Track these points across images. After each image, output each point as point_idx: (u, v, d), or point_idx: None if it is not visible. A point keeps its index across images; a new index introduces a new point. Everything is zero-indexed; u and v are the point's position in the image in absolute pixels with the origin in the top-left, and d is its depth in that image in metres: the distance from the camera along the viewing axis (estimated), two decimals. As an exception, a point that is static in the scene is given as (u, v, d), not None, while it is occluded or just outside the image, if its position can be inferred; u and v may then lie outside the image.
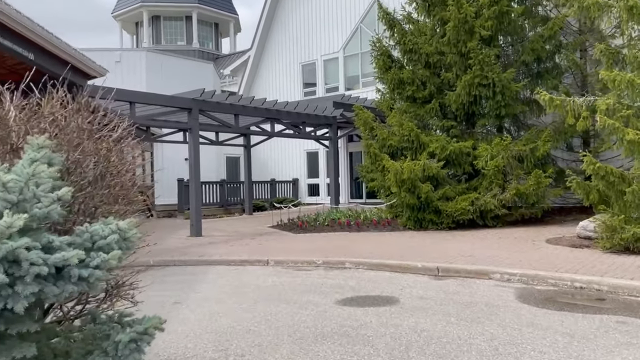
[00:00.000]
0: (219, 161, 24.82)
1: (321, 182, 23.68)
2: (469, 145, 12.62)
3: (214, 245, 11.08)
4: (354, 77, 22.24)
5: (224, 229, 13.90)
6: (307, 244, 10.78)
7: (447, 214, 12.03)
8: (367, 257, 8.93)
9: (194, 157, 12.32)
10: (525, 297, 6.32)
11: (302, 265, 8.90)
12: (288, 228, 13.16)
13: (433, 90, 13.40)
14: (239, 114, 13.45)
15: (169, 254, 10.05)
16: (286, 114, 14.82)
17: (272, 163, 25.49)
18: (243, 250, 10.17)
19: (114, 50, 20.26)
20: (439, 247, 9.66)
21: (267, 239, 11.75)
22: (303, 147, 24.13)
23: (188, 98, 12.21)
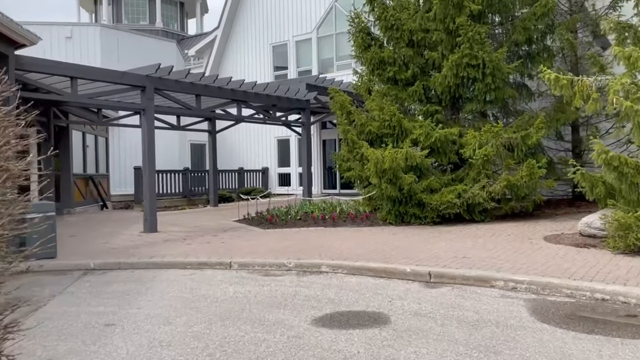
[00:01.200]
0: (183, 148, 23.21)
1: (292, 171, 22.37)
2: (455, 132, 11.49)
3: (169, 243, 9.67)
4: (328, 60, 20.91)
5: (184, 224, 12.47)
6: (277, 242, 9.49)
7: (432, 208, 10.89)
8: (346, 258, 7.70)
9: (147, 143, 10.84)
10: (542, 314, 5.19)
11: (271, 269, 7.60)
12: (256, 223, 11.82)
13: (416, 71, 12.21)
14: (201, 94, 11.99)
15: (114, 254, 8.61)
16: (254, 96, 13.41)
17: (240, 151, 24.01)
18: (202, 250, 8.81)
19: (65, 25, 18.39)
20: (426, 246, 8.50)
21: (232, 235, 10.40)
22: (274, 133, 22.77)
23: (141, 74, 10.68)
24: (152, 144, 10.93)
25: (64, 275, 7.54)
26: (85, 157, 16.19)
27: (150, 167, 10.88)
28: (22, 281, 7.34)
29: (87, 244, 9.72)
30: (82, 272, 7.73)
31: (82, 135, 16.08)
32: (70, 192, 14.78)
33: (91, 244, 9.71)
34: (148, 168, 10.87)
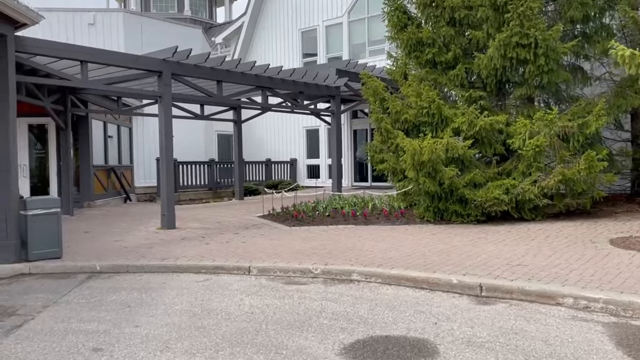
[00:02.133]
0: (209, 139, 22.52)
1: (322, 163, 21.41)
2: (502, 121, 10.29)
3: (186, 242, 8.86)
4: (359, 45, 19.78)
5: (205, 219, 11.67)
6: (303, 242, 8.56)
7: (476, 205, 9.77)
8: (381, 264, 6.71)
9: (165, 133, 10.03)
10: (632, 346, 4.10)
11: (295, 276, 6.68)
12: (281, 219, 10.93)
13: (458, 53, 11.03)
14: (223, 80, 11.11)
15: (124, 255, 7.84)
16: (280, 83, 12.47)
17: (267, 141, 23.19)
18: (220, 251, 7.95)
19: (88, 11, 17.80)
20: (472, 250, 7.43)
21: (254, 234, 9.53)
22: (302, 123, 21.82)
23: (157, 58, 9.86)
24: (170, 133, 10.12)
25: (65, 279, 6.79)
26: (106, 148, 15.60)
27: (168, 159, 10.09)
28: (19, 286, 6.65)
29: (98, 242, 9.01)
30: (87, 276, 6.97)
31: (103, 125, 15.48)
32: (90, 184, 14.20)
33: (103, 242, 8.99)
34: (165, 160, 10.07)
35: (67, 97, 12.43)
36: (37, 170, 14.45)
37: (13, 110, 7.30)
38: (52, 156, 13.69)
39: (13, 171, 7.32)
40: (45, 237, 7.51)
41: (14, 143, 7.32)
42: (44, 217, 7.51)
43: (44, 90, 11.44)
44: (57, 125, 12.50)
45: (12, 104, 7.28)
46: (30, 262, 7.34)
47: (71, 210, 12.55)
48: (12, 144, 7.26)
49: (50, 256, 7.55)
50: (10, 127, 7.23)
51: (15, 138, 7.38)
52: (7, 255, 7.26)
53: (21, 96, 10.37)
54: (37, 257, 7.44)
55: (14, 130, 7.30)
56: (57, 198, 7.80)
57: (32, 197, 7.63)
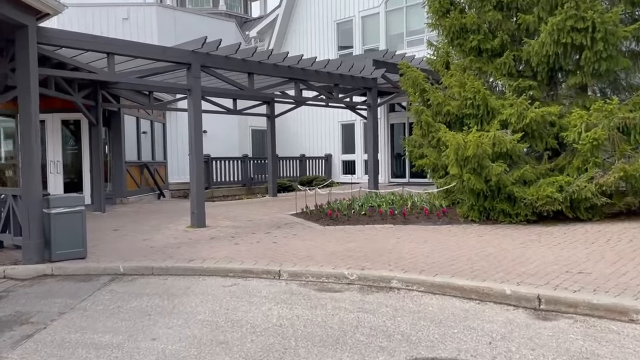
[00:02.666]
0: (243, 134, 22.23)
1: (357, 158, 20.81)
2: (554, 112, 9.45)
3: (214, 242, 8.44)
4: (397, 36, 19.03)
5: (236, 217, 11.26)
6: (338, 243, 8.01)
7: (525, 203, 9.00)
8: (423, 270, 6.09)
9: (194, 127, 9.64)
10: None
11: (328, 282, 6.14)
12: (315, 217, 10.40)
13: (505, 39, 10.23)
14: (254, 72, 10.64)
15: (150, 255, 7.47)
16: (314, 74, 11.92)
17: (301, 136, 22.73)
18: (250, 252, 7.48)
19: (121, 6, 17.69)
20: (525, 254, 6.72)
21: (286, 233, 9.03)
22: (337, 118, 21.27)
23: (186, 50, 9.47)
24: (199, 128, 9.73)
25: (87, 282, 6.45)
26: (139, 144, 15.43)
27: (197, 155, 9.70)
28: (40, 288, 6.33)
29: (125, 241, 8.69)
30: (109, 278, 6.62)
31: (136, 121, 15.32)
32: (122, 180, 14.04)
33: (130, 241, 8.67)
34: (195, 155, 9.69)
35: (98, 92, 12.23)
36: (71, 167, 14.39)
37: (35, 103, 7.01)
38: (85, 152, 13.57)
39: (35, 167, 7.04)
40: (69, 237, 7.21)
41: (37, 138, 7.04)
42: (68, 216, 7.21)
43: (74, 85, 11.25)
44: (89, 121, 12.33)
45: (34, 97, 6.98)
46: (53, 263, 7.05)
47: (103, 207, 12.38)
48: (34, 139, 6.97)
49: (74, 256, 7.25)
50: (33, 122, 6.94)
51: (38, 133, 7.09)
52: (30, 255, 6.99)
53: (50, 90, 10.19)
54: (60, 258, 7.15)
55: (36, 124, 7.01)
56: (81, 196, 7.49)
57: (55, 195, 7.35)
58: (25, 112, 6.92)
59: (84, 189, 13.83)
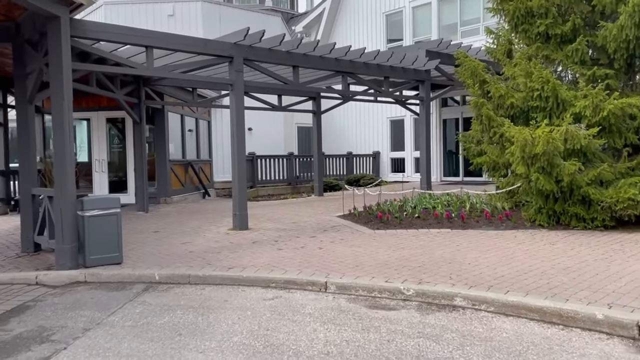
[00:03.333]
0: (289, 132, 21.74)
1: (407, 156, 19.91)
2: (635, 103, 8.34)
3: (256, 246, 7.87)
4: (450, 27, 17.99)
5: (280, 219, 10.69)
6: (390, 250, 7.27)
7: (603, 207, 7.97)
8: (491, 285, 5.29)
9: (236, 124, 9.12)
10: None
11: (381, 297, 5.43)
12: (363, 220, 9.68)
13: (578, 23, 9.16)
14: (299, 65, 10.02)
15: (188, 261, 6.98)
16: (363, 67, 11.18)
17: (348, 133, 22.02)
18: (293, 260, 6.87)
19: (167, 2, 17.51)
20: (611, 268, 5.78)
21: (333, 238, 8.37)
22: (386, 113, 20.45)
23: (228, 42, 8.95)
24: (242, 124, 9.20)
25: (119, 291, 5.99)
26: (184, 142, 15.15)
27: (239, 153, 9.18)
28: (69, 298, 5.92)
29: (165, 244, 8.26)
30: (144, 287, 6.15)
31: (180, 119, 15.04)
32: (166, 179, 13.77)
33: (169, 245, 8.23)
34: (237, 153, 9.17)
35: (141, 89, 11.95)
36: (117, 166, 14.26)
37: (68, 99, 6.64)
38: (130, 150, 13.37)
39: (69, 167, 6.67)
40: (104, 241, 6.80)
41: (70, 136, 6.67)
42: (103, 219, 6.81)
43: (117, 82, 10.98)
44: (132, 118, 12.08)
45: (67, 92, 6.61)
46: (87, 269, 6.66)
47: (146, 206, 12.10)
48: (67, 137, 6.60)
49: (109, 262, 6.85)
50: (66, 118, 6.57)
51: (71, 130, 6.72)
52: (64, 260, 6.63)
53: (92, 87, 9.93)
54: (95, 263, 6.75)
55: (69, 121, 6.64)
56: (116, 197, 7.08)
57: (90, 197, 6.96)
58: (58, 108, 6.56)
59: (129, 188, 13.65)
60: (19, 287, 6.33)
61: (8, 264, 7.26)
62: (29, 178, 7.82)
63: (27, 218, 7.83)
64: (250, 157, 17.10)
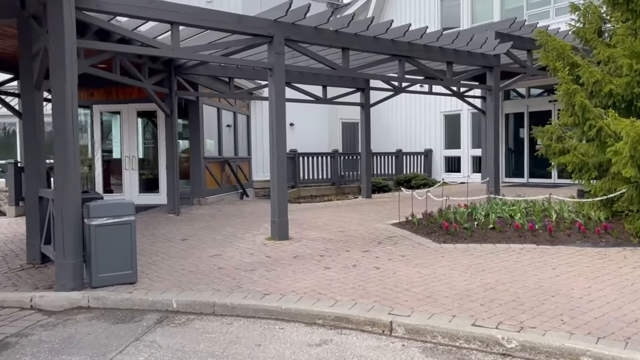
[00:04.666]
0: (333, 128, 20.33)
1: (463, 154, 18.15)
2: None
3: (298, 263, 6.49)
4: (516, 10, 16.11)
5: (325, 225, 9.28)
6: (466, 272, 5.75)
7: None
8: (627, 333, 3.72)
9: (276, 114, 7.78)
10: None
11: (470, 349, 3.94)
12: (424, 230, 8.15)
13: (700, -11, 7.35)
14: (350, 47, 8.59)
15: (216, 282, 5.67)
16: (423, 50, 9.62)
17: (397, 129, 20.42)
18: (345, 284, 5.45)
19: (205, -11, 16.39)
20: None
21: (391, 253, 6.89)
22: (439, 107, 18.75)
23: (267, 19, 7.61)
24: (282, 116, 7.85)
25: (126, 323, 4.73)
26: (220, 137, 13.97)
27: (279, 150, 7.84)
28: (62, 332, 4.56)
29: (191, 257, 7.00)
30: (157, 318, 4.87)
31: (217, 112, 13.87)
32: (200, 178, 12.62)
33: (196, 257, 6.96)
34: (276, 150, 7.83)
35: (173, 78, 10.78)
36: (148, 163, 13.23)
37: (72, 83, 5.45)
38: (162, 147, 12.26)
39: (72, 165, 5.48)
40: (114, 256, 5.59)
41: (73, 126, 5.46)
42: (114, 229, 5.59)
43: (144, 69, 9.84)
44: (163, 111, 10.94)
45: (71, 73, 5.42)
46: (93, 290, 5.45)
47: (177, 208, 10.95)
48: (69, 127, 5.41)
49: (120, 281, 5.62)
50: (68, 105, 5.38)
51: (75, 120, 5.51)
52: (65, 278, 5.44)
53: (115, 75, 8.78)
54: (103, 283, 5.54)
55: (72, 109, 5.44)
56: (130, 202, 5.84)
57: (98, 202, 5.75)
58: (58, 92, 5.37)
59: (160, 188, 12.57)
60: (9, 312, 5.18)
61: (6, 280, 6.15)
62: (36, 177, 6.72)
63: (33, 223, 6.74)
64: (292, 155, 15.78)
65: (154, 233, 8.91)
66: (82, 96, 12.74)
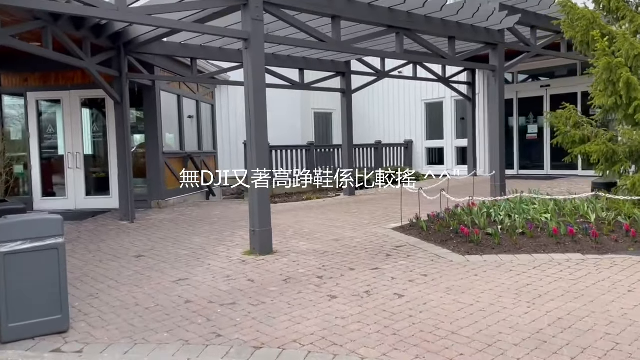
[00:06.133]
0: (306, 119, 18.79)
1: (447, 145, 16.94)
2: None
3: (292, 290, 4.94)
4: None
5: (314, 233, 7.74)
6: (520, 300, 4.37)
7: None
8: None
9: (254, 98, 6.16)
10: None
11: None
12: (436, 236, 6.73)
13: None
14: (340, 15, 7.05)
15: (183, 323, 4.05)
16: (424, 22, 8.15)
17: (374, 119, 19.05)
18: (365, 323, 3.97)
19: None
20: None
21: (408, 271, 5.43)
22: (420, 95, 17.48)
23: (239, -26, 5.97)
24: (262, 97, 6.24)
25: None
26: (181, 129, 12.20)
27: (260, 140, 6.24)
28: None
29: (147, 283, 5.34)
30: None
31: (177, 100, 12.09)
32: (159, 177, 10.85)
33: (154, 284, 5.31)
34: (255, 141, 6.23)
35: (122, 57, 8.97)
36: (96, 160, 11.34)
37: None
38: (112, 140, 10.42)
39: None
40: (35, 295, 3.91)
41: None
42: (34, 257, 3.90)
43: (86, 46, 8.03)
44: (111, 97, 9.12)
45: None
46: (1, 350, 3.74)
47: (131, 214, 9.19)
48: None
49: (45, 330, 3.94)
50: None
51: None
52: (-41, 333, 3.70)
53: (47, 51, 6.95)
54: (18, 336, 3.85)
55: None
56: (57, 219, 4.13)
57: (10, 218, 4.03)
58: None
59: (111, 189, 10.73)
60: None
61: None
62: None
63: None
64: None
65: (100, 248, 7.17)
66: (14, 82, 10.77)
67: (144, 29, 8.08)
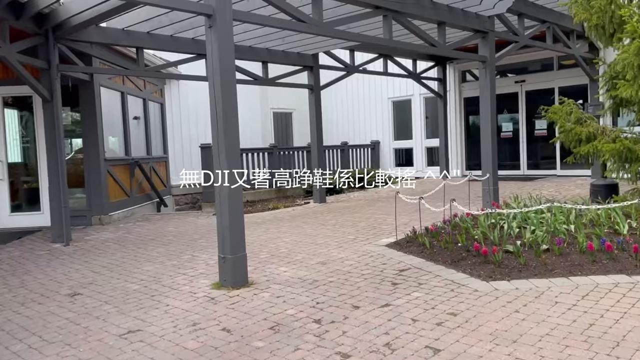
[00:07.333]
0: (265, 119, 17.44)
1: (416, 145, 16.04)
2: None
3: (285, 343, 3.70)
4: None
5: (293, 254, 6.47)
6: (594, 352, 3.25)
7: None
8: None
9: (222, 90, 4.84)
10: None
11: None
12: (444, 255, 5.62)
13: None
14: (323, -8, 5.84)
15: None
16: (414, 4, 7.06)
17: (338, 119, 17.95)
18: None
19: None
20: None
21: (428, 308, 4.28)
22: (386, 93, 16.51)
23: None
24: (232, 88, 4.93)
25: None
26: (127, 132, 10.62)
27: (230, 141, 4.92)
28: None
29: (84, 341, 3.93)
30: None
31: (120, 98, 10.51)
32: (101, 188, 9.26)
33: (94, 344, 3.91)
34: (225, 142, 4.91)
35: (51, 44, 7.38)
36: (23, 169, 9.63)
37: None
38: (42, 145, 8.77)
39: None
40: None
41: None
42: None
43: (3, 29, 6.43)
44: (39, 94, 7.51)
45: None
46: None
47: (66, 234, 7.61)
48: None
49: None
50: None
51: None
52: None
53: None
54: None
55: None
56: None
57: None
58: None
59: (42, 204, 9.06)
60: None
61: None
62: None
63: None
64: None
65: (25, 283, 5.64)
66: None
67: (75, 8, 6.57)
